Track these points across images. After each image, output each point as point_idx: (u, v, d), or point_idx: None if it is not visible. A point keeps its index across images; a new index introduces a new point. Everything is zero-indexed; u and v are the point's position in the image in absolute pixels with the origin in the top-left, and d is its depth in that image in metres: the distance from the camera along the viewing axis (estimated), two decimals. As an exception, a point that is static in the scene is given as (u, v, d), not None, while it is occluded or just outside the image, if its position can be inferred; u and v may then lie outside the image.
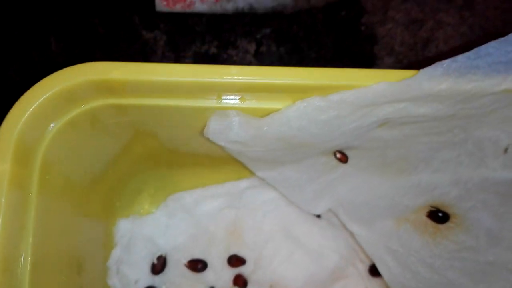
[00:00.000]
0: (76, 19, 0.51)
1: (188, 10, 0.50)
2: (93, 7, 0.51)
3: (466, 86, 0.27)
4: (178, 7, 0.51)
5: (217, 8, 0.50)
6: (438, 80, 0.27)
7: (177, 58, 0.51)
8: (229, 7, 0.50)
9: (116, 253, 0.42)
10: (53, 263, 0.32)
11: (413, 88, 0.27)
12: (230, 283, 0.42)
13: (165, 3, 0.51)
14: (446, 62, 0.27)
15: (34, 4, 0.51)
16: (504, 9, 0.49)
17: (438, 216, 0.35)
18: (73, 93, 0.27)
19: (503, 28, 0.49)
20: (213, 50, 0.51)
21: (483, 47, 0.26)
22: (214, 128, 0.30)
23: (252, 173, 0.41)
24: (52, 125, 0.29)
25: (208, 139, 0.31)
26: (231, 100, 0.29)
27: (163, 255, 0.42)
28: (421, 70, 0.27)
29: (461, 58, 0.26)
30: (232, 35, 0.51)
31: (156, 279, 0.42)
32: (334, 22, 0.50)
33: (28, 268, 0.28)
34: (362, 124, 0.30)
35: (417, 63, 0.48)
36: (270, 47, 0.51)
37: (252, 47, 0.51)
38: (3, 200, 0.25)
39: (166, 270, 0.42)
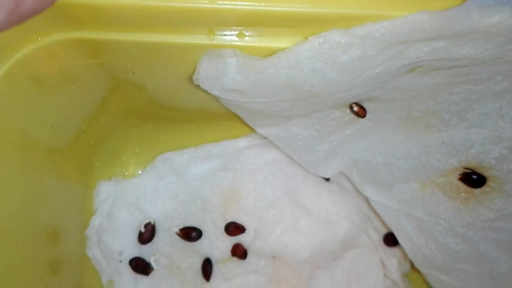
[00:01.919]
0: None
1: None
2: None
3: None
4: None
5: None
6: (491, 10, 0.22)
7: None
8: None
9: (96, 220, 0.37)
10: (17, 233, 0.28)
11: (459, 21, 0.22)
12: (228, 253, 0.37)
13: None
14: None
15: None
16: None
17: (473, 179, 0.30)
18: (17, 28, 0.21)
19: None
20: None
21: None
22: (206, 73, 0.24)
23: (251, 130, 0.36)
24: None
25: (199, 87, 0.25)
26: (227, 36, 0.23)
27: (152, 222, 0.38)
28: None
29: None
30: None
31: (144, 249, 0.38)
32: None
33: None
34: (390, 68, 0.24)
35: None
36: None
37: None
38: None
39: (155, 239, 0.38)
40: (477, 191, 0.30)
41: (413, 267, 0.38)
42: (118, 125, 0.37)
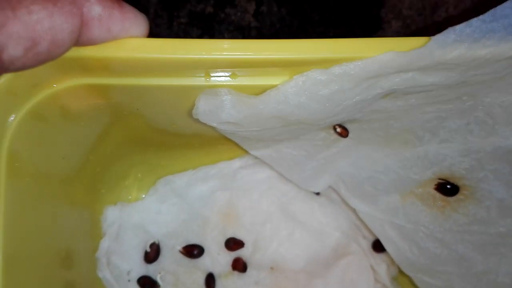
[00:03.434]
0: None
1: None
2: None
3: (480, 52, 0.25)
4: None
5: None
6: (450, 48, 0.24)
7: (171, 17, 0.47)
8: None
9: (105, 243, 0.39)
10: (33, 258, 0.30)
11: (422, 58, 0.25)
12: (229, 267, 0.40)
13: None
14: (459, 27, 0.24)
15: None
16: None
17: (447, 188, 0.33)
18: (34, 75, 0.24)
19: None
20: (209, 9, 0.47)
21: (499, 8, 0.24)
22: (204, 109, 0.27)
23: (245, 152, 0.39)
24: (11, 118, 0.26)
25: (197, 120, 0.28)
26: (221, 78, 0.26)
27: (156, 242, 0.40)
28: (432, 38, 0.24)
29: (475, 22, 0.24)
30: (230, -7, 0.47)
31: (150, 268, 0.40)
32: (339, -18, 0.47)
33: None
34: (366, 97, 0.27)
35: (425, 29, 0.45)
36: (271, 7, 0.47)
37: (251, 7, 0.47)
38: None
39: (160, 258, 0.40)
40: (451, 199, 0.33)
41: (400, 270, 0.41)
42: (121, 153, 0.39)
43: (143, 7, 0.46)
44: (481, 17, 0.23)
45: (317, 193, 0.41)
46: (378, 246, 0.40)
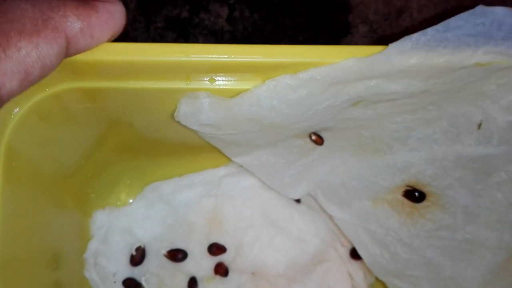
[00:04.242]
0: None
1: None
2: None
3: (437, 60, 0.27)
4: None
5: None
6: (408, 55, 0.26)
7: (148, 22, 0.49)
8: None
9: (93, 245, 0.41)
10: (24, 258, 0.31)
11: (382, 64, 0.27)
12: (211, 271, 0.42)
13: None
14: (415, 35, 0.26)
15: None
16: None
17: (415, 195, 0.34)
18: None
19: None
20: (184, 14, 0.50)
21: (452, 19, 0.26)
22: (185, 111, 0.29)
23: (229, 160, 0.41)
24: (16, 109, 0.28)
25: (180, 123, 0.31)
26: (201, 81, 0.29)
27: (142, 246, 0.42)
28: (390, 45, 0.26)
29: (430, 31, 0.26)
30: (204, -1, 0.51)
31: (135, 271, 0.42)
32: (309, -11, 0.50)
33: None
34: (334, 103, 0.29)
35: (391, 33, 0.48)
36: (243, 13, 0.50)
37: (224, 12, 0.50)
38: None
39: (145, 261, 0.42)
40: (419, 205, 0.35)
41: (377, 278, 0.42)
42: (111, 160, 0.41)
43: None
44: (435, 27, 0.26)
45: (298, 201, 0.43)
46: (355, 254, 0.42)
